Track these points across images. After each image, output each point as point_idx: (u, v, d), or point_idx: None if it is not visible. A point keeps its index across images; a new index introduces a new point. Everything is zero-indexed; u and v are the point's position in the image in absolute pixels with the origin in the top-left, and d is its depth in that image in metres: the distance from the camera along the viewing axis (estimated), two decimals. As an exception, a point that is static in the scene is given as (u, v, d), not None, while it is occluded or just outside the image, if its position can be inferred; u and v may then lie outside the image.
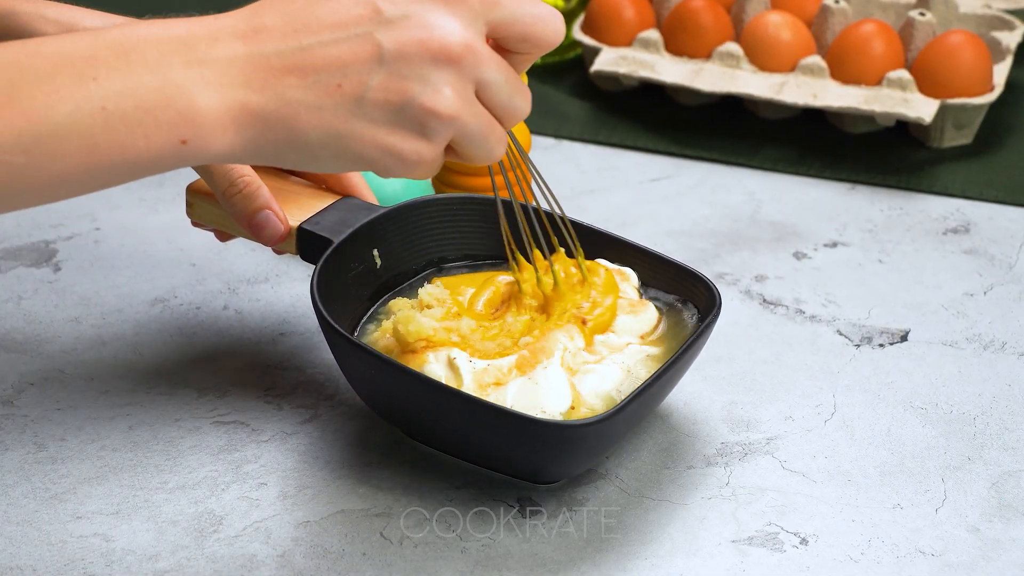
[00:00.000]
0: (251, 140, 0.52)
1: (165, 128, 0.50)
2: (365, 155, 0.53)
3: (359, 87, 0.52)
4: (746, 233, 0.85)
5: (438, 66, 0.52)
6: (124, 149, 0.50)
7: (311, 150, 0.53)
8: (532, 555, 0.61)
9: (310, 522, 0.62)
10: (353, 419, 0.69)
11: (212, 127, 0.51)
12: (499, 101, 0.54)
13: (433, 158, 0.54)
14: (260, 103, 0.51)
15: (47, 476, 0.65)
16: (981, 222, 0.86)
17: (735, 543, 0.62)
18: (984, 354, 0.74)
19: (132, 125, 0.50)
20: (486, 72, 0.53)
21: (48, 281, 0.79)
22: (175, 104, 0.50)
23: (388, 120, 0.52)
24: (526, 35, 0.55)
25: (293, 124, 0.52)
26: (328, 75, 0.52)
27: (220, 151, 0.51)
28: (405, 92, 0.52)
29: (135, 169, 0.51)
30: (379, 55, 0.52)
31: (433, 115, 0.52)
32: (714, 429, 0.68)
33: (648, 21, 0.99)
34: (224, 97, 0.51)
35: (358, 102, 0.52)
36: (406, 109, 0.52)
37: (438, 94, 0.52)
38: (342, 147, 0.53)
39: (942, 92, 0.91)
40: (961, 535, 0.62)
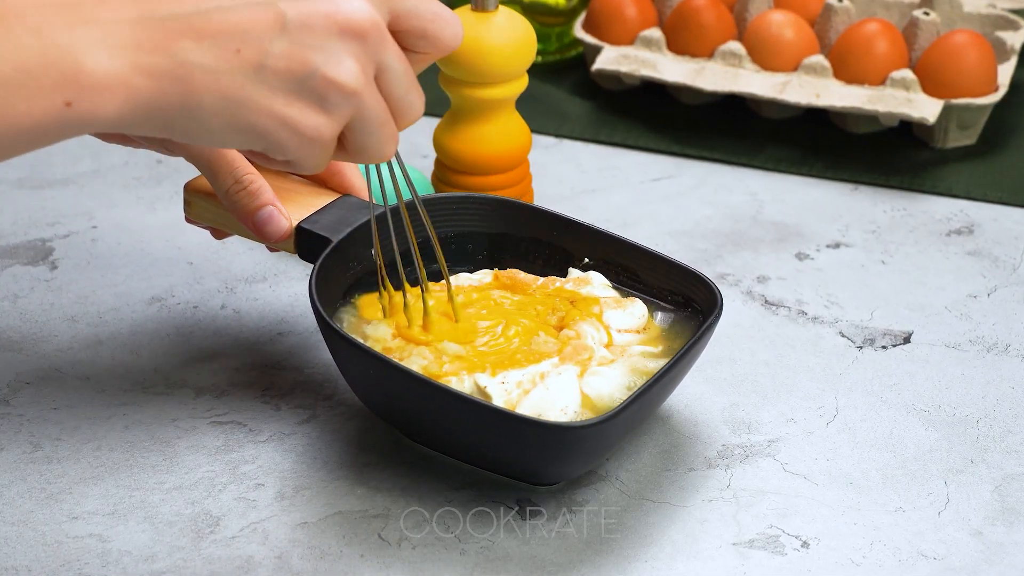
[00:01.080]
0: (142, 104, 0.50)
1: (48, 90, 0.48)
2: (260, 125, 0.51)
3: (259, 54, 0.50)
4: (748, 234, 0.85)
5: (343, 39, 0.51)
6: (5, 114, 0.48)
7: (204, 117, 0.51)
8: (531, 557, 0.61)
9: (308, 523, 0.62)
10: (351, 420, 0.69)
11: (99, 88, 0.49)
12: (396, 92, 0.53)
13: (330, 136, 0.52)
14: (153, 63, 0.49)
15: (43, 476, 0.65)
16: (985, 223, 0.86)
17: (736, 546, 0.61)
18: (988, 356, 0.74)
19: (11, 88, 0.47)
20: (388, 56, 0.52)
21: (44, 279, 0.79)
22: (59, 65, 0.48)
23: (288, 89, 0.51)
24: (425, 31, 0.54)
25: (187, 87, 0.50)
26: (226, 40, 0.50)
27: (108, 116, 0.49)
28: (307, 62, 0.51)
29: (18, 137, 0.49)
30: (282, 23, 0.50)
31: (335, 87, 0.51)
32: (715, 431, 0.68)
33: (650, 19, 0.99)
34: (113, 57, 0.49)
35: (257, 69, 0.50)
36: (308, 80, 0.51)
37: (341, 65, 0.51)
38: (237, 116, 0.51)
39: (946, 92, 0.91)
40: (964, 539, 0.62)
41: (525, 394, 0.62)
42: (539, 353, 0.64)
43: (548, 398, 0.62)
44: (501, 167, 0.80)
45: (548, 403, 0.62)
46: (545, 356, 0.64)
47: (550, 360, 0.64)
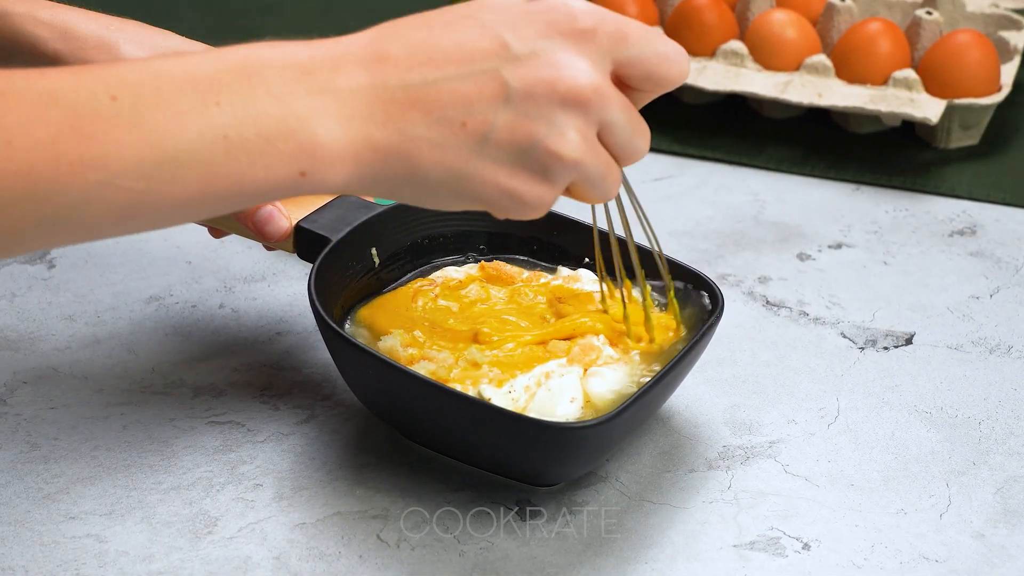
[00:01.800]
0: (369, 175, 0.51)
1: (286, 159, 0.49)
2: (484, 196, 0.52)
3: (484, 126, 0.51)
4: (749, 234, 0.84)
5: (565, 108, 0.51)
6: (243, 178, 0.49)
7: (430, 188, 0.52)
8: (531, 558, 0.60)
9: (306, 524, 0.62)
10: (350, 420, 0.68)
11: (332, 160, 0.50)
12: (621, 142, 0.53)
13: (552, 201, 0.53)
14: (382, 138, 0.50)
15: (40, 476, 0.65)
16: (988, 224, 0.86)
17: (737, 548, 0.61)
18: (990, 358, 0.74)
19: (253, 155, 0.48)
20: (611, 114, 0.52)
21: (42, 278, 0.79)
22: (297, 136, 0.49)
23: (511, 161, 0.51)
24: (651, 75, 0.54)
25: (414, 161, 0.51)
26: (453, 112, 0.50)
27: (336, 183, 0.50)
28: (531, 134, 0.51)
29: (251, 198, 0.50)
30: (506, 94, 0.50)
31: (558, 159, 0.51)
32: (716, 432, 0.68)
33: (652, 18, 0.99)
34: (347, 130, 0.50)
35: (482, 141, 0.51)
36: (531, 152, 0.51)
37: (563, 137, 0.51)
38: (462, 187, 0.52)
39: (949, 92, 0.91)
40: (965, 541, 0.62)
41: (532, 398, 0.62)
42: (546, 352, 0.64)
43: (552, 398, 0.62)
44: (502, 166, 0.79)
45: (554, 401, 0.62)
46: (553, 356, 0.64)
47: (557, 360, 0.64)
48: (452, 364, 0.64)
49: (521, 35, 0.51)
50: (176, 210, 0.49)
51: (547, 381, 0.63)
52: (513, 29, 0.51)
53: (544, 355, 0.64)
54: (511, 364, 0.64)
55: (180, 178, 0.48)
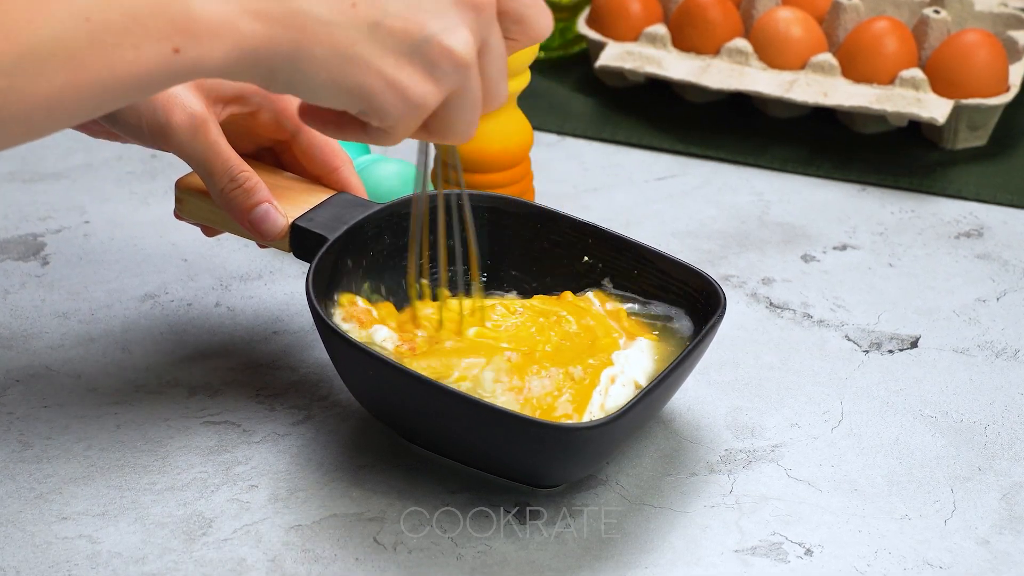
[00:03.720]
0: (249, 52, 0.49)
1: (156, 36, 0.47)
2: (367, 85, 0.50)
3: (376, 10, 0.49)
4: (753, 235, 0.84)
5: (461, 8, 0.50)
6: (112, 64, 0.47)
7: (311, 70, 0.50)
8: (529, 562, 0.60)
9: (302, 526, 0.62)
10: (347, 421, 0.68)
11: (209, 34, 0.48)
12: (492, 73, 0.53)
13: (433, 105, 0.52)
14: (266, 8, 0.48)
15: (32, 476, 0.64)
16: (995, 226, 0.86)
17: (738, 553, 0.61)
18: (996, 362, 0.74)
19: (120, 35, 0.46)
20: (493, 35, 0.52)
21: (35, 275, 0.79)
22: (168, 10, 0.47)
23: (400, 52, 0.50)
24: (522, 17, 0.53)
25: (298, 36, 0.49)
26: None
27: (214, 63, 0.48)
28: (424, 26, 0.50)
29: (126, 89, 0.48)
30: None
31: (449, 55, 0.50)
32: (718, 435, 0.68)
33: (655, 15, 0.99)
34: (225, 2, 0.48)
35: (372, 26, 0.49)
36: (422, 44, 0.50)
37: (456, 35, 0.50)
38: (345, 72, 0.50)
39: (956, 92, 0.91)
40: (970, 547, 0.62)
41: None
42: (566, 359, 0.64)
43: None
44: (502, 164, 0.80)
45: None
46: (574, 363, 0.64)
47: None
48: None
49: None
50: (45, 108, 0.47)
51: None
52: None
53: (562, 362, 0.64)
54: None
55: (44, 71, 0.46)
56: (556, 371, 0.62)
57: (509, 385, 0.62)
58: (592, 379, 0.63)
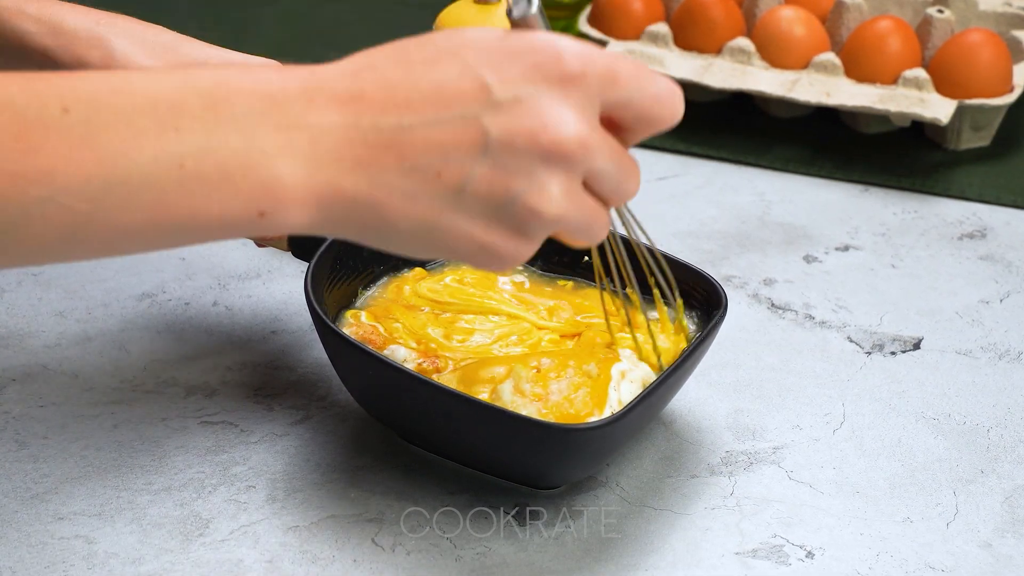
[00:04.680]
0: (333, 220, 0.48)
1: (244, 197, 0.46)
2: (457, 249, 0.49)
3: (460, 177, 0.48)
4: (755, 235, 0.84)
5: (547, 163, 0.48)
6: (196, 211, 0.46)
7: (399, 238, 0.49)
8: (529, 564, 0.60)
9: (299, 527, 0.62)
10: (345, 421, 0.68)
11: (294, 203, 0.47)
12: (608, 190, 0.51)
13: (529, 254, 0.51)
14: (350, 183, 0.47)
15: (28, 475, 0.64)
16: (998, 227, 0.86)
17: (739, 555, 0.61)
18: (999, 364, 0.73)
19: (209, 188, 0.46)
20: (598, 164, 0.49)
21: (32, 274, 0.78)
22: (258, 172, 0.46)
23: (487, 215, 0.49)
24: (642, 117, 0.51)
25: (383, 211, 0.48)
26: (427, 160, 0.47)
27: (297, 225, 0.48)
28: (509, 188, 0.48)
29: (204, 233, 0.47)
30: (484, 143, 0.48)
31: (536, 215, 0.49)
32: (719, 437, 0.67)
33: (657, 14, 0.98)
34: (313, 172, 0.47)
35: (457, 193, 0.48)
36: (508, 206, 0.48)
37: (544, 193, 0.48)
38: (434, 239, 0.49)
39: (960, 92, 0.90)
40: (972, 551, 0.61)
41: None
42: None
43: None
44: (503, 164, 0.79)
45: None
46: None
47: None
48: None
49: (504, 78, 0.48)
50: (123, 237, 0.47)
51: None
52: (496, 70, 0.48)
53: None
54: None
55: (129, 203, 0.45)
56: (571, 371, 0.62)
57: (532, 395, 0.61)
58: (604, 374, 0.62)
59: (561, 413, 0.61)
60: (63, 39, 0.64)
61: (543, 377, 0.62)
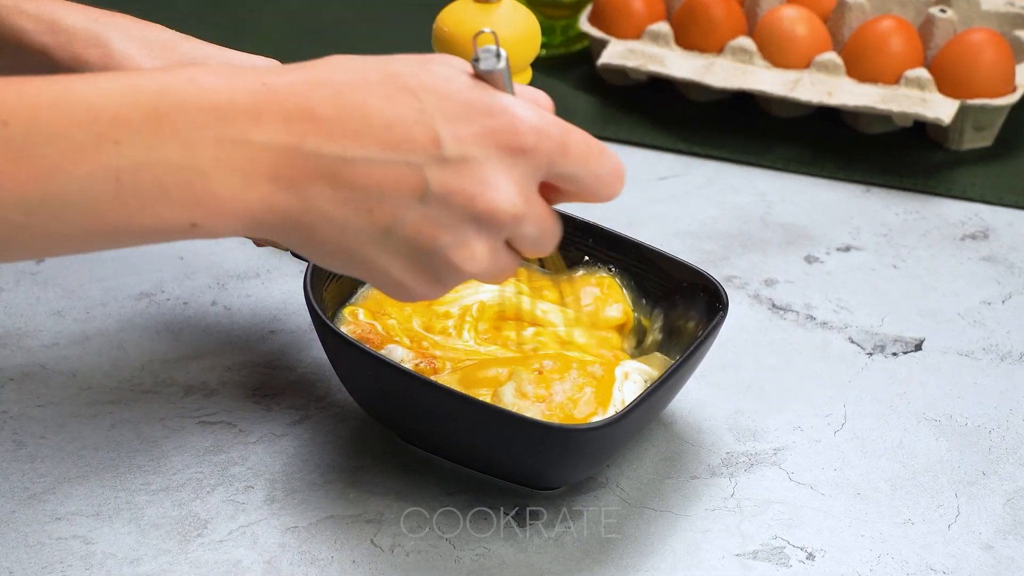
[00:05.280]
0: (261, 230, 0.50)
1: (178, 209, 0.47)
2: (373, 280, 0.52)
3: (391, 218, 0.49)
4: (756, 235, 0.84)
5: (477, 226, 0.50)
6: (130, 222, 0.47)
7: (320, 256, 0.51)
8: (528, 565, 0.60)
9: (298, 528, 0.61)
10: (344, 421, 0.68)
11: (227, 215, 0.48)
12: (527, 249, 0.53)
13: (439, 296, 0.53)
14: (282, 202, 0.49)
15: (26, 475, 0.64)
16: (1000, 228, 0.85)
17: (739, 557, 0.61)
18: (1001, 365, 0.73)
19: (145, 201, 0.47)
20: (523, 231, 0.51)
21: (30, 272, 0.78)
22: (194, 187, 0.47)
23: (408, 257, 0.51)
24: (581, 192, 0.53)
25: (310, 232, 0.50)
26: (363, 196, 0.49)
27: (224, 234, 0.49)
28: (436, 239, 0.50)
29: (136, 240, 0.49)
30: (422, 193, 0.49)
31: (455, 270, 0.51)
32: (719, 438, 0.67)
33: (658, 13, 0.98)
34: (247, 188, 0.48)
35: (385, 233, 0.50)
36: (431, 256, 0.50)
37: (467, 251, 0.51)
38: (353, 265, 0.51)
39: (962, 92, 0.90)
40: (974, 552, 0.61)
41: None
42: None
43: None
44: (503, 163, 0.79)
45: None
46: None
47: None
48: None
49: (457, 135, 0.49)
50: (55, 246, 0.48)
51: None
52: (451, 124, 0.49)
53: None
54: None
55: (63, 215, 0.46)
56: (575, 372, 0.62)
57: (535, 396, 0.61)
58: (608, 375, 0.62)
59: (565, 414, 0.61)
60: (61, 37, 0.64)
61: (546, 379, 0.62)
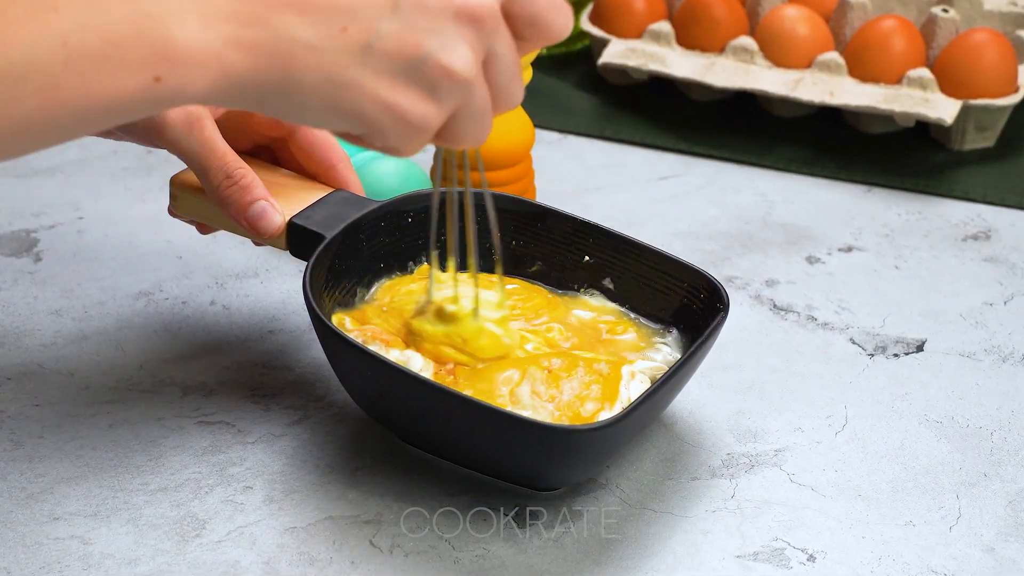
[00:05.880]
0: (235, 80, 0.47)
1: (135, 65, 0.45)
2: (362, 110, 0.48)
3: (367, 32, 0.47)
4: (757, 236, 0.84)
5: (459, 23, 0.48)
6: (89, 89, 0.45)
7: (302, 97, 0.48)
8: (528, 566, 0.60)
9: (297, 528, 0.61)
10: (343, 421, 0.67)
11: (192, 63, 0.46)
12: (502, 80, 0.51)
13: (436, 125, 0.50)
14: (250, 36, 0.46)
15: (23, 475, 0.64)
16: (1002, 228, 0.85)
17: (740, 558, 0.60)
18: (1003, 366, 0.73)
19: (97, 62, 0.45)
20: (499, 43, 0.50)
21: (28, 272, 0.78)
22: (147, 37, 0.45)
23: (396, 73, 0.48)
24: (536, 18, 0.51)
25: (286, 64, 0.47)
26: (333, 15, 0.47)
27: (198, 91, 0.47)
28: (420, 45, 0.48)
29: (102, 113, 0.46)
30: (395, 1, 0.48)
31: (448, 74, 0.48)
32: (720, 439, 0.67)
33: (659, 12, 0.98)
34: (208, 28, 0.46)
35: (364, 49, 0.47)
36: (420, 65, 0.48)
37: (455, 52, 0.48)
38: (338, 98, 0.48)
39: (964, 92, 0.90)
40: (975, 555, 0.61)
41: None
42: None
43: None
44: (503, 162, 0.79)
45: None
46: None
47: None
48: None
49: None
50: (20, 130, 0.45)
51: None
52: None
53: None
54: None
55: (15, 93, 0.45)
56: (582, 371, 0.62)
57: (546, 396, 0.61)
58: (615, 372, 0.62)
59: (574, 412, 0.60)
60: None
61: (554, 377, 0.62)
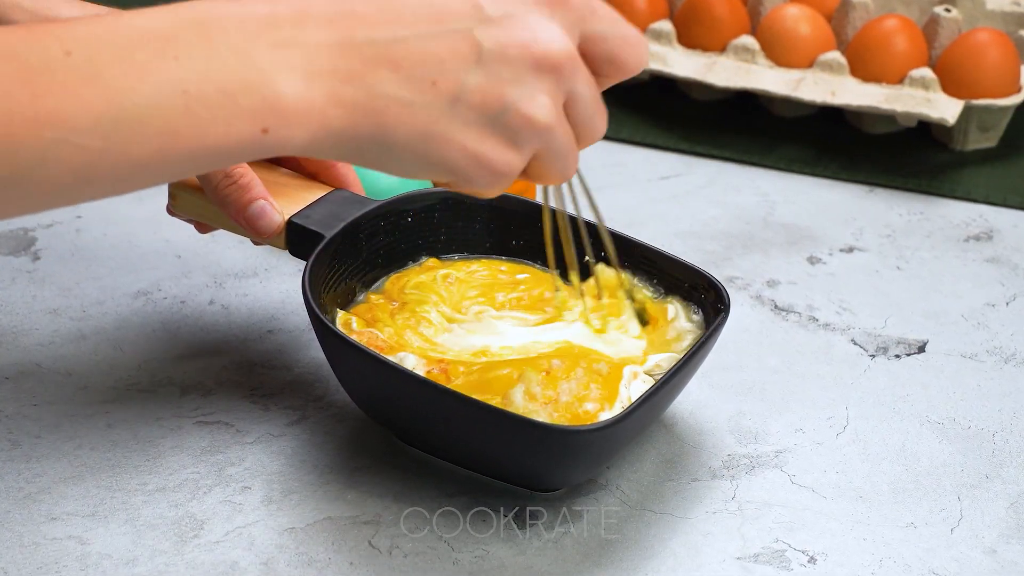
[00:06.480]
0: (334, 134, 0.49)
1: (247, 115, 0.48)
2: (451, 160, 0.51)
3: (455, 86, 0.50)
4: (758, 236, 0.83)
5: (538, 73, 0.50)
6: (204, 136, 0.48)
7: (395, 150, 0.51)
8: (527, 567, 0.59)
9: (295, 529, 0.61)
10: (342, 422, 0.67)
11: (296, 117, 0.48)
12: (584, 118, 0.53)
13: (519, 169, 0.52)
14: (349, 94, 0.49)
15: (21, 475, 0.64)
16: (1005, 229, 0.85)
17: (740, 560, 0.60)
18: (1005, 367, 0.73)
19: (213, 110, 0.47)
20: (579, 85, 0.52)
21: (26, 271, 0.78)
22: (259, 90, 0.48)
23: (481, 124, 0.50)
24: (612, 56, 0.53)
25: (382, 119, 0.49)
26: (423, 70, 0.49)
27: (299, 143, 0.49)
28: (503, 96, 0.50)
29: (213, 158, 0.49)
30: (478, 54, 0.50)
31: (529, 123, 0.51)
32: (720, 440, 0.67)
33: (660, 11, 0.98)
34: (311, 86, 0.48)
35: (453, 102, 0.50)
36: (502, 115, 0.50)
37: (535, 102, 0.51)
38: (429, 149, 0.51)
39: (967, 92, 0.90)
40: (977, 556, 0.61)
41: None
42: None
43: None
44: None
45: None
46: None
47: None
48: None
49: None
50: (136, 171, 0.48)
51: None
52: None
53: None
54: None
55: (139, 136, 0.47)
56: (581, 371, 0.62)
57: (543, 398, 0.61)
58: (615, 372, 0.62)
59: (572, 413, 0.60)
60: None
61: (553, 379, 0.61)
